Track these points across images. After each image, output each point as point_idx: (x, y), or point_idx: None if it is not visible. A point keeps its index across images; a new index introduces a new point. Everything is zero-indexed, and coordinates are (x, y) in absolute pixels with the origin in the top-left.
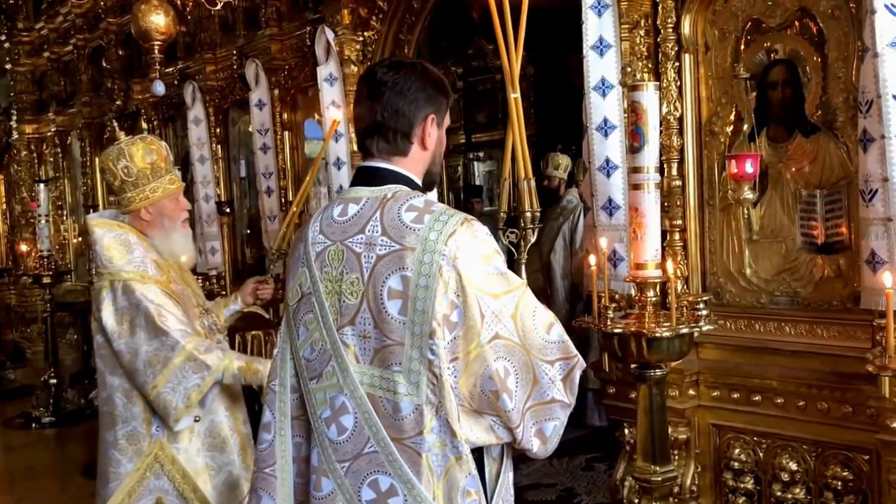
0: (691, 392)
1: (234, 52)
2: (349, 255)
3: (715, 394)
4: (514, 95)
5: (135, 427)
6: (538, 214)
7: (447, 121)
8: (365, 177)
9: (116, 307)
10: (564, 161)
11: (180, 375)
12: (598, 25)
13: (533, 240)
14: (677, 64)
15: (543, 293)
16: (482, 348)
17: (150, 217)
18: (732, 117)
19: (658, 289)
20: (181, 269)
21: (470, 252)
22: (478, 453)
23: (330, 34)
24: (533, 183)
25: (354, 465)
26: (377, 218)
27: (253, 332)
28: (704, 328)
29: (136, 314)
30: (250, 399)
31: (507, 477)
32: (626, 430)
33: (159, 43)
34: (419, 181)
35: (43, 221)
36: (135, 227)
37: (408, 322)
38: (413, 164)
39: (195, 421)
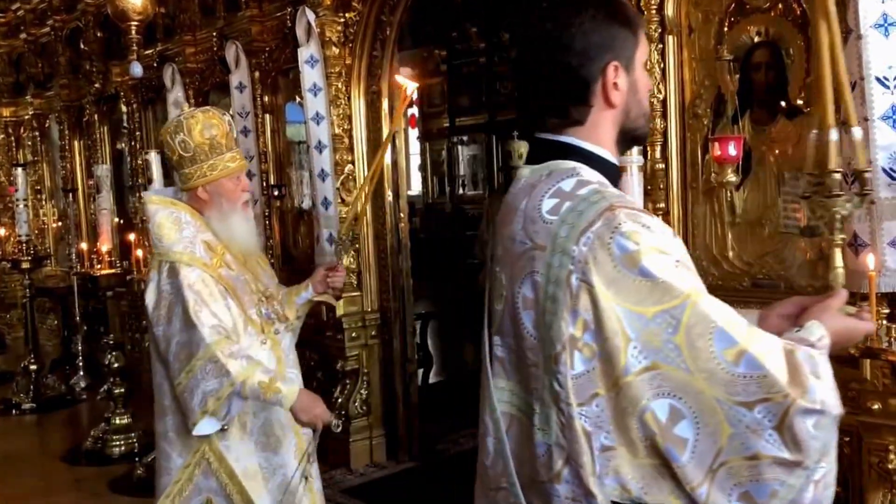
0: None
1: (214, 33)
2: (502, 249)
3: None
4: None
5: (183, 419)
6: (867, 176)
7: (642, 54)
8: (532, 152)
9: (159, 290)
10: (527, 149)
11: (200, 377)
12: None
13: (858, 211)
14: (661, 46)
15: None
16: (628, 381)
17: (206, 196)
18: (715, 100)
19: None
20: (243, 251)
21: (607, 253)
22: None
23: (311, 15)
24: (858, 132)
25: (497, 496)
26: (523, 207)
27: None
28: None
29: (176, 301)
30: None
31: None
32: None
33: (136, 24)
34: (603, 151)
35: (21, 206)
36: (192, 205)
37: (539, 340)
38: (594, 130)
39: (223, 430)
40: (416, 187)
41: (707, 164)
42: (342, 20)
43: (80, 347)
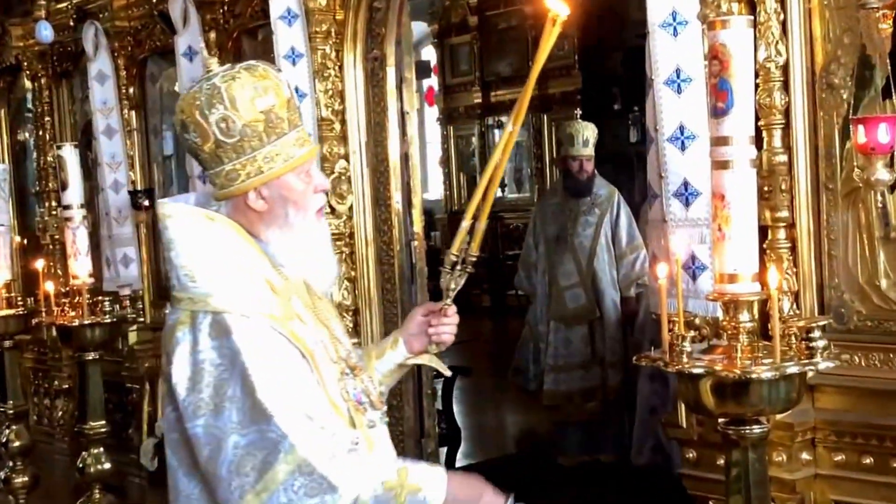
0: (805, 456)
1: None
2: None
3: (838, 458)
4: None
5: None
6: None
7: None
8: None
9: (196, 359)
10: (593, 133)
11: (284, 498)
12: None
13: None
14: None
15: (588, 313)
16: None
17: (263, 205)
18: (859, 65)
19: (756, 310)
20: (311, 292)
21: None
22: None
23: None
24: None
25: None
26: None
27: None
28: (822, 366)
29: (230, 376)
30: None
31: None
32: None
33: None
34: None
35: None
36: (237, 221)
37: None
38: None
39: None
40: (434, 190)
41: (848, 156)
42: None
43: None
